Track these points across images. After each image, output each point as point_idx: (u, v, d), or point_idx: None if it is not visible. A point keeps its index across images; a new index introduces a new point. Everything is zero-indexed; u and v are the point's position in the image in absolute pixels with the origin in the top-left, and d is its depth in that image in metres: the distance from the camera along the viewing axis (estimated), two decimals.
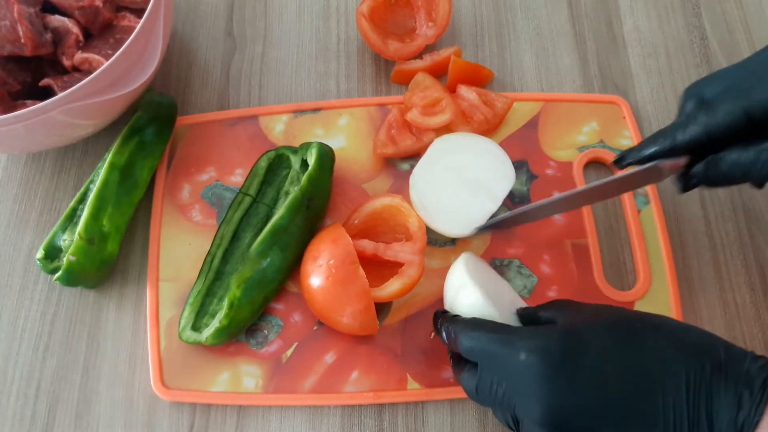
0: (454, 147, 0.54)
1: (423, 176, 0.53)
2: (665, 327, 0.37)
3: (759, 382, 0.33)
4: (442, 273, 0.53)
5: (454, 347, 0.41)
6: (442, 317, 0.44)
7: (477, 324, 0.40)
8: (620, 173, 0.45)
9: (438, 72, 0.60)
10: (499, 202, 0.52)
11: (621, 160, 0.45)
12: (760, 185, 0.39)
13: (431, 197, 0.52)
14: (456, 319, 0.42)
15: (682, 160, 0.41)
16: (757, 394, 0.32)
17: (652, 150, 0.42)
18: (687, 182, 0.42)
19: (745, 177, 0.39)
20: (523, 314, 0.44)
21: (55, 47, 0.53)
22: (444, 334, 0.42)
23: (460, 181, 0.52)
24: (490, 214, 0.52)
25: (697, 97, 0.42)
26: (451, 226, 0.51)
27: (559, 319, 0.40)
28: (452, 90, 0.60)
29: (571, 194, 0.47)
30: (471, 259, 0.47)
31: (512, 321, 0.43)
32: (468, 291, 0.43)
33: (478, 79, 0.60)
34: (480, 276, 0.45)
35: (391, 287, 0.48)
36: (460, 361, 0.42)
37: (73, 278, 0.50)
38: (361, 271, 0.47)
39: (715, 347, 0.35)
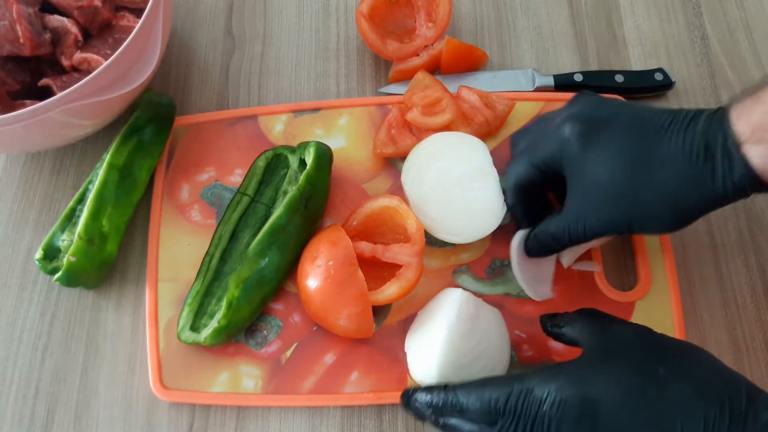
0: (436, 152, 0.53)
1: (414, 187, 0.52)
2: (691, 370, 0.37)
3: None
4: (442, 273, 0.53)
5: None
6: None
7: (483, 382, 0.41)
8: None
9: (436, 67, 0.60)
10: (501, 203, 0.51)
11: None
12: None
13: (428, 206, 0.51)
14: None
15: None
16: None
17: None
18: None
19: (560, 244, 0.46)
20: (546, 322, 0.46)
21: (54, 47, 0.53)
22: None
23: (453, 190, 0.52)
24: (499, 218, 0.51)
25: (512, 149, 0.51)
26: (453, 236, 0.51)
27: (583, 343, 0.41)
28: (446, 71, 0.60)
29: None
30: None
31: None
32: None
33: (473, 59, 0.60)
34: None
35: (388, 291, 0.48)
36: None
37: (73, 279, 0.50)
38: (360, 274, 0.47)
39: (738, 393, 0.35)
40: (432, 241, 0.53)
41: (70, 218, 0.53)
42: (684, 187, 0.39)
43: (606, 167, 0.42)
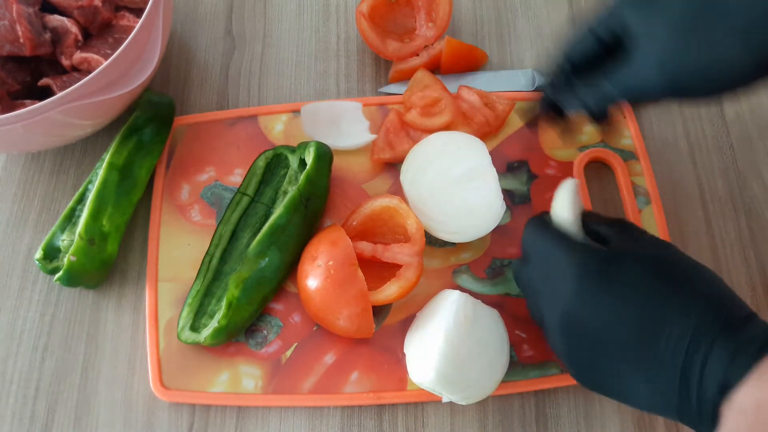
0: (435, 152, 0.53)
1: (413, 187, 0.52)
2: (702, 276, 0.39)
3: (754, 347, 0.34)
4: (442, 273, 0.53)
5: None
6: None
7: (542, 224, 0.44)
8: None
9: (436, 67, 0.61)
10: (500, 201, 0.51)
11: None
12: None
13: (427, 205, 0.51)
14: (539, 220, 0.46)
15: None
16: (747, 357, 0.34)
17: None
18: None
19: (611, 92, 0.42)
20: (586, 222, 0.45)
21: (54, 47, 0.53)
22: None
23: (452, 189, 0.52)
24: (498, 217, 0.51)
25: None
26: (453, 235, 0.51)
27: (613, 240, 0.42)
28: (446, 72, 0.60)
29: None
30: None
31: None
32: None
33: (473, 59, 0.60)
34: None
35: (388, 291, 0.48)
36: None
37: (73, 278, 0.50)
38: (360, 274, 0.47)
39: (735, 306, 0.37)
40: (432, 241, 0.53)
41: (70, 218, 0.53)
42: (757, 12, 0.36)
43: (672, 4, 0.38)
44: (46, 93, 0.52)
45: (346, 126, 0.57)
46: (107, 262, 0.52)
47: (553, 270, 0.41)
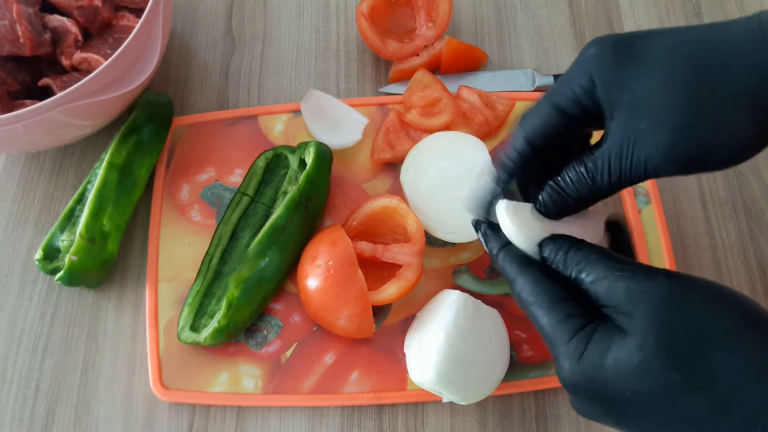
0: (434, 152, 0.53)
1: (413, 189, 0.52)
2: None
3: None
4: (442, 273, 0.53)
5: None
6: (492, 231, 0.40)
7: (532, 299, 0.35)
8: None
9: (436, 67, 0.60)
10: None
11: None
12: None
13: (427, 205, 0.51)
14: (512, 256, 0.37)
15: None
16: None
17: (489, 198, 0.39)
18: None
19: (593, 191, 0.36)
20: (553, 248, 0.36)
21: (54, 47, 0.53)
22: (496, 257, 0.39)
23: (452, 189, 0.52)
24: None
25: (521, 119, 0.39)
26: (452, 235, 0.51)
27: (636, 325, 0.31)
28: (446, 71, 0.60)
29: None
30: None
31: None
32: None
33: (473, 59, 0.60)
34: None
35: (388, 291, 0.48)
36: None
37: (74, 278, 0.50)
38: (360, 274, 0.47)
39: None
40: (432, 241, 0.53)
41: (70, 218, 0.53)
42: (762, 74, 0.31)
43: (655, 73, 0.33)
44: (46, 93, 0.52)
45: (343, 122, 0.57)
46: (108, 262, 0.52)
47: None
